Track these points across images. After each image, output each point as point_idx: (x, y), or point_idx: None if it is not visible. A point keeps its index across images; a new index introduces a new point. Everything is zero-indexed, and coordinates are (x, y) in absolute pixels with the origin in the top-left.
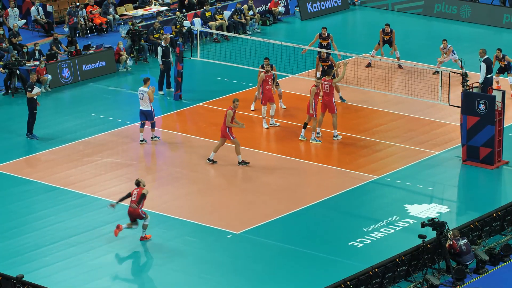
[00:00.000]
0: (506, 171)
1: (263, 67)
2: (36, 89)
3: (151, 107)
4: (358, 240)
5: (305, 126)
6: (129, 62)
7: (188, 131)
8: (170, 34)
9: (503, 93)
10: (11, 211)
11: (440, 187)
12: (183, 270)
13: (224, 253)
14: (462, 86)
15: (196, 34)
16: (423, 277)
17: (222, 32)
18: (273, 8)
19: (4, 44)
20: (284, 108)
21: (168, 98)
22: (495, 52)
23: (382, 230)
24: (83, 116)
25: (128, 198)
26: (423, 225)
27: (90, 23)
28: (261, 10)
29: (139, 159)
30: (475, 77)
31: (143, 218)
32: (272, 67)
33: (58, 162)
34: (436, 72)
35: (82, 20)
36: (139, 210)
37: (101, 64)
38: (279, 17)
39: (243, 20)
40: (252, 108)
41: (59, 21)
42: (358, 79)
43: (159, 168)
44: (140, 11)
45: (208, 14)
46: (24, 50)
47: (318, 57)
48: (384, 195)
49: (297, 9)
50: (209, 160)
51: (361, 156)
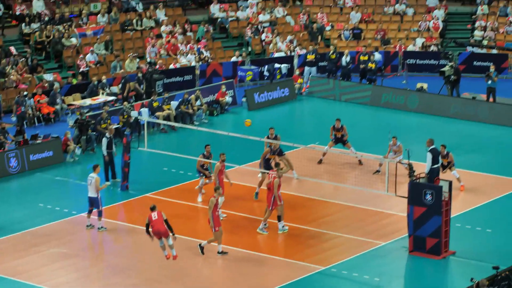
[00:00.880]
0: (453, 262)
1: (204, 156)
2: None
3: (98, 195)
4: None
5: (280, 219)
6: (77, 152)
7: (135, 222)
8: (118, 124)
9: (450, 183)
10: None
11: (387, 278)
12: None
13: None
14: (409, 177)
15: (143, 125)
16: None
17: (169, 123)
18: (221, 99)
19: None
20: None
21: (112, 188)
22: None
23: None
24: (30, 206)
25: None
26: None
27: (38, 113)
28: (209, 101)
29: (86, 249)
30: (422, 168)
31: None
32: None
33: (5, 252)
34: (377, 172)
35: (30, 110)
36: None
37: (49, 154)
38: (227, 108)
39: (190, 111)
40: (200, 199)
41: (7, 110)
42: (306, 170)
43: (106, 258)
44: (88, 101)
45: (156, 104)
46: None
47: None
48: (331, 286)
49: (244, 100)
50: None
51: (308, 247)
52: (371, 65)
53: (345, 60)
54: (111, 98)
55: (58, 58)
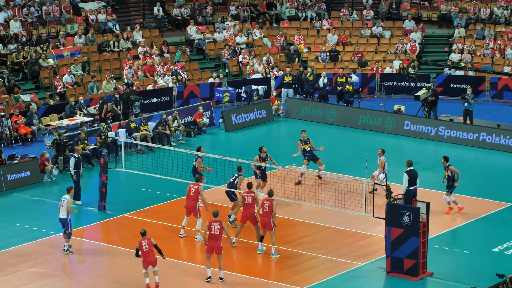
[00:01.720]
0: (431, 283)
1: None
2: None
3: (68, 217)
4: None
5: (262, 239)
6: (54, 172)
7: (112, 242)
8: (95, 145)
9: (428, 205)
10: None
11: None
12: None
13: None
14: (387, 198)
15: (121, 145)
16: None
17: (147, 143)
18: (198, 120)
19: None
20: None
21: (84, 208)
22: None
23: None
24: (7, 226)
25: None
26: None
27: (15, 133)
28: (186, 121)
29: (63, 269)
30: (399, 189)
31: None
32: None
33: None
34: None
35: (7, 130)
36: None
37: (26, 174)
38: (204, 129)
39: (168, 131)
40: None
41: None
42: (283, 191)
43: (83, 279)
44: (65, 121)
45: (133, 125)
46: None
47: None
48: None
49: (222, 121)
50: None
51: (285, 267)
52: (349, 87)
53: (323, 82)
54: (88, 119)
55: (35, 79)
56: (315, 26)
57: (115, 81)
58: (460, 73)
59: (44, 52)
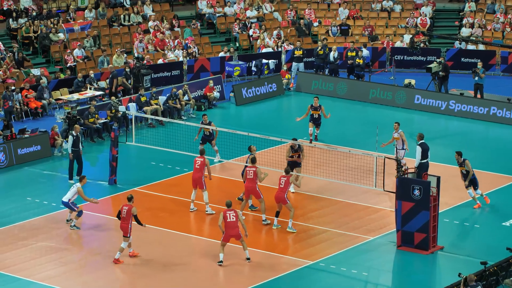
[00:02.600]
0: (441, 257)
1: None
2: None
3: (69, 201)
4: None
5: (278, 215)
6: (65, 146)
7: None
8: (105, 119)
9: (438, 179)
10: None
11: (375, 272)
12: None
13: None
14: (397, 172)
15: (131, 119)
16: None
17: (157, 117)
18: (208, 94)
19: None
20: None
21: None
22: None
23: None
24: (18, 200)
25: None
26: None
27: (26, 107)
28: (196, 95)
29: (74, 243)
30: (409, 163)
31: (126, 236)
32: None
33: None
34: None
35: (18, 104)
36: (128, 227)
37: (36, 148)
38: (214, 102)
39: (178, 105)
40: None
41: None
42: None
43: (94, 252)
44: (76, 96)
45: (143, 99)
46: None
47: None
48: (319, 280)
49: (232, 95)
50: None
51: (296, 241)
52: (359, 61)
53: (333, 56)
54: (99, 93)
55: (46, 53)
56: (326, 0)
57: (126, 55)
58: (471, 47)
59: (55, 26)
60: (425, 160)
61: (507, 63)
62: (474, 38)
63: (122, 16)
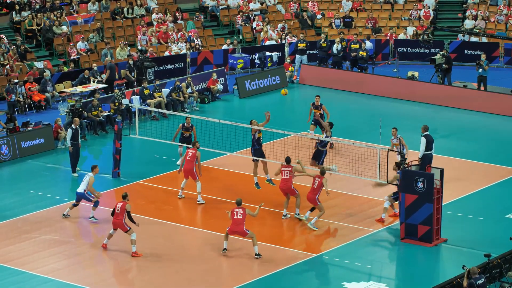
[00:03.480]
0: (445, 249)
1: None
2: None
3: (85, 192)
4: None
5: (313, 209)
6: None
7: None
8: (109, 112)
9: (442, 171)
10: None
11: (379, 265)
12: None
13: None
14: (400, 165)
15: (135, 112)
16: None
17: (161, 110)
18: (212, 86)
19: None
20: None
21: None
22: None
23: None
24: (22, 193)
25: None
26: None
27: (29, 100)
28: (200, 88)
29: (77, 236)
30: (414, 155)
31: (127, 231)
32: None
33: None
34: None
35: (21, 97)
36: (122, 222)
37: (40, 141)
38: (218, 95)
39: (182, 98)
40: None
41: None
42: (297, 157)
43: (97, 245)
44: (79, 88)
45: (147, 92)
46: None
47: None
48: (322, 273)
49: (236, 87)
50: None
51: (299, 234)
52: (362, 53)
53: (336, 48)
54: (102, 86)
55: (49, 46)
56: None
57: (129, 48)
58: (474, 40)
59: (58, 19)
60: (429, 152)
61: (510, 55)
62: (479, 31)
63: (125, 9)
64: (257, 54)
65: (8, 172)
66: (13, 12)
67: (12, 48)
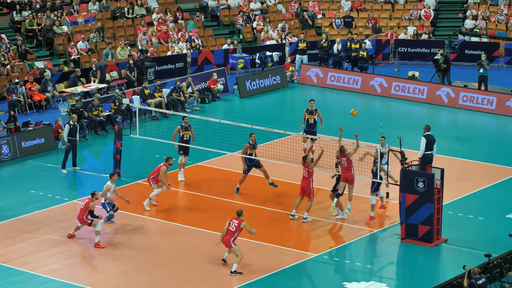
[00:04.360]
0: (445, 249)
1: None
2: None
3: (105, 201)
4: None
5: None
6: None
7: (126, 208)
8: (109, 112)
9: (442, 171)
10: None
11: (379, 265)
12: None
13: None
14: (401, 164)
15: (135, 112)
16: None
17: (161, 110)
18: (212, 86)
19: None
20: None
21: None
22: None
23: None
24: (22, 193)
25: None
26: None
27: (29, 100)
28: (200, 88)
29: (78, 236)
30: (414, 155)
31: (89, 225)
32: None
33: None
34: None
35: (21, 97)
36: (83, 218)
37: (40, 141)
38: (218, 95)
39: (182, 98)
40: (181, 178)
41: None
42: (297, 157)
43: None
44: (80, 88)
45: (147, 92)
46: None
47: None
48: (323, 273)
49: (236, 87)
50: None
51: (300, 234)
52: (363, 53)
53: (337, 48)
54: (103, 86)
55: (50, 46)
56: None
57: (130, 48)
58: (475, 39)
59: (58, 19)
60: (430, 152)
61: (511, 55)
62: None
63: (126, 9)
64: (258, 54)
65: (9, 172)
66: (14, 12)
67: (13, 48)
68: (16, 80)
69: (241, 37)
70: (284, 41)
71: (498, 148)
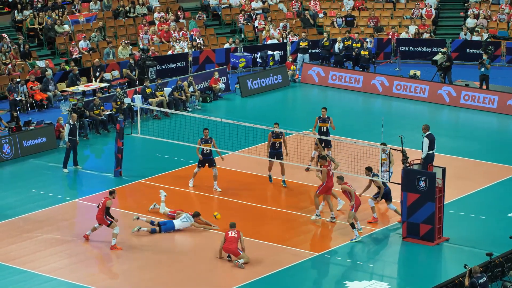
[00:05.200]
0: (447, 248)
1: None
2: None
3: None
4: None
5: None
6: None
7: (128, 208)
8: (111, 111)
9: (444, 170)
10: None
11: (381, 264)
12: None
13: None
14: (402, 163)
15: (137, 111)
16: None
17: (163, 109)
18: (214, 85)
19: None
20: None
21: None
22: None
23: None
24: (23, 192)
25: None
26: None
27: (31, 99)
28: (202, 87)
29: (79, 235)
30: (415, 154)
31: (108, 225)
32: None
33: None
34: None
35: (23, 96)
36: (103, 217)
37: (42, 140)
38: (220, 94)
39: (184, 97)
40: (191, 185)
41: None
42: (299, 157)
43: (99, 245)
44: (81, 87)
45: (149, 91)
46: None
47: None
48: (324, 272)
49: (238, 86)
50: None
51: (301, 233)
52: (364, 53)
53: (338, 47)
54: (104, 85)
55: (51, 45)
56: None
57: (131, 47)
58: (476, 38)
59: (60, 18)
60: (431, 152)
61: None
62: None
63: (127, 8)
64: (259, 53)
65: (10, 171)
66: (15, 11)
67: (14, 47)
68: (18, 79)
69: (243, 36)
70: (286, 40)
71: (500, 147)
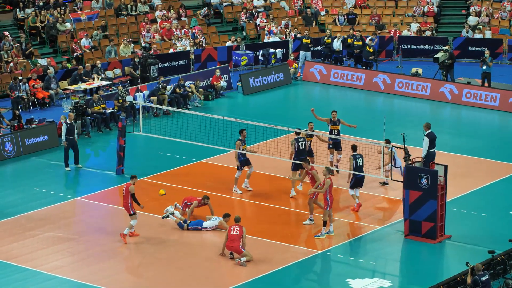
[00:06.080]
0: (449, 246)
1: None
2: None
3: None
4: None
5: (325, 224)
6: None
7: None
8: (113, 109)
9: (445, 167)
10: None
11: (382, 262)
12: None
13: None
14: (404, 161)
15: (139, 109)
16: None
17: (164, 107)
18: (215, 83)
19: None
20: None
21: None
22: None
23: None
24: (25, 190)
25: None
26: None
27: (33, 97)
28: (204, 85)
29: (81, 233)
30: (417, 152)
31: (130, 214)
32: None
33: (0, 236)
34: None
35: (25, 94)
36: (128, 205)
37: (44, 138)
38: (221, 92)
39: (190, 94)
40: (239, 191)
41: (1, 95)
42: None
43: (101, 242)
44: (83, 86)
45: (164, 90)
46: None
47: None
48: (326, 270)
49: (239, 84)
50: None
51: (303, 231)
52: (369, 49)
53: (336, 44)
54: (106, 83)
55: (53, 43)
56: None
57: (133, 45)
58: (478, 36)
59: (62, 16)
60: (432, 150)
61: None
62: None
63: (129, 6)
64: (261, 51)
65: (12, 169)
66: (17, 9)
67: (16, 46)
68: (20, 78)
69: (245, 34)
70: (288, 38)
71: (502, 145)
